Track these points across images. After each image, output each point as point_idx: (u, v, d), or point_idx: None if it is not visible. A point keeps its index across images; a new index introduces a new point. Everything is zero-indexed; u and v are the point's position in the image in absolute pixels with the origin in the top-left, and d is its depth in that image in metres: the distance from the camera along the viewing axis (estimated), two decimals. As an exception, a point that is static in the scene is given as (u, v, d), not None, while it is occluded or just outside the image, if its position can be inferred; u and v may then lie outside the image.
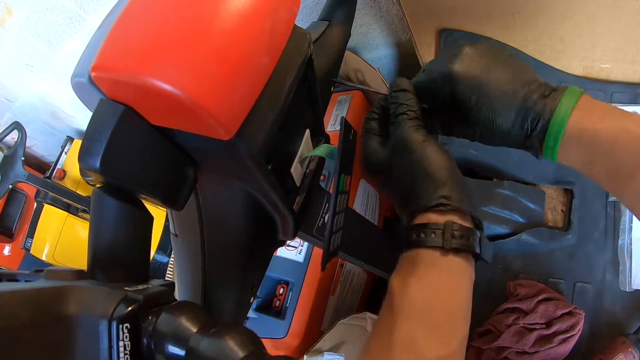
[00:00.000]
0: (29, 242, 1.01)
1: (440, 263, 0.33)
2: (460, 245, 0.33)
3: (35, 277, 0.28)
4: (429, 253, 0.33)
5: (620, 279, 0.62)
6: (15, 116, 0.96)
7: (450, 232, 0.33)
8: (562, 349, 0.58)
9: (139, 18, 0.25)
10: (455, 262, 0.33)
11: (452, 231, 0.33)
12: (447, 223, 0.33)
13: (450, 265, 0.33)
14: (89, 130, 0.25)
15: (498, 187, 0.68)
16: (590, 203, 0.65)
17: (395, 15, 0.86)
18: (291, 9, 0.30)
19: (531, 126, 0.34)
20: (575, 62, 0.66)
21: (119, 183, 0.27)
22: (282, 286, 0.78)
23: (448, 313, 0.32)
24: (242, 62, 0.25)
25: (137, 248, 0.29)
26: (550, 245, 0.65)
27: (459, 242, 0.33)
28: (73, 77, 0.27)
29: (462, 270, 0.34)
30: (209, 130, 0.25)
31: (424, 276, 0.33)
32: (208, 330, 0.25)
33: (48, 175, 1.00)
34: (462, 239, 0.33)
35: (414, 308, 0.32)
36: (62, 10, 0.72)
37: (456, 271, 0.33)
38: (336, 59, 0.44)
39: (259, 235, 0.39)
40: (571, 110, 0.33)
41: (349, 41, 0.47)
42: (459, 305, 0.33)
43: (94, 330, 0.23)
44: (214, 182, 0.34)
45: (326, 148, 0.39)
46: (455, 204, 0.33)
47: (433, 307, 0.32)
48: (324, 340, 0.70)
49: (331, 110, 0.90)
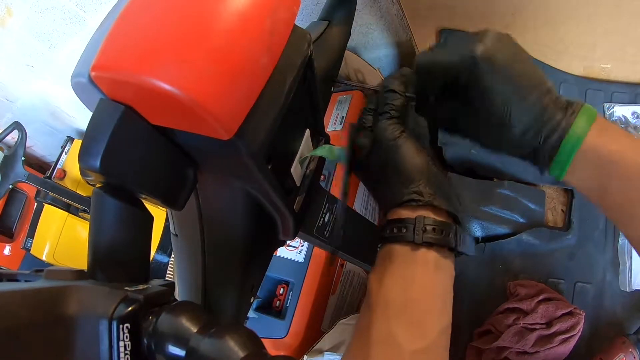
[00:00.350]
0: (29, 242, 1.01)
1: (413, 258, 0.33)
2: (432, 239, 0.33)
3: (36, 277, 0.28)
4: (401, 248, 0.34)
5: (620, 279, 0.62)
6: (16, 116, 0.96)
7: (421, 226, 0.33)
8: (562, 349, 0.58)
9: (139, 18, 0.25)
10: (429, 256, 0.33)
11: (424, 225, 0.33)
12: (418, 218, 0.33)
13: (424, 260, 0.33)
14: (89, 130, 0.25)
15: (498, 187, 0.68)
16: (590, 203, 0.65)
17: (395, 15, 0.86)
18: (291, 9, 0.30)
19: (545, 136, 0.32)
20: (575, 62, 0.66)
21: (119, 183, 0.27)
22: (282, 286, 0.78)
23: (425, 306, 0.33)
24: (242, 61, 0.25)
25: (137, 248, 0.29)
26: (550, 245, 0.65)
27: (430, 237, 0.33)
28: (73, 77, 0.27)
29: (437, 264, 0.34)
30: (209, 130, 0.25)
31: (398, 271, 0.34)
32: (208, 330, 0.25)
33: (48, 175, 1.00)
34: (434, 233, 0.33)
35: (390, 303, 0.33)
36: (62, 10, 0.72)
37: (431, 265, 0.33)
38: (336, 58, 0.44)
39: (259, 235, 0.39)
40: (589, 128, 0.31)
41: (349, 41, 0.47)
42: (436, 298, 0.34)
43: (94, 330, 0.23)
44: (214, 182, 0.34)
45: (327, 148, 0.39)
46: (426, 199, 0.34)
47: (409, 301, 0.32)
48: (324, 340, 0.70)
49: (331, 110, 0.90)
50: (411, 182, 0.34)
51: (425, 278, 0.33)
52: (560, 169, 0.33)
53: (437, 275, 0.34)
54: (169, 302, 0.27)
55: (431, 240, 0.33)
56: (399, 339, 0.31)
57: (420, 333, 0.32)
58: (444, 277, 0.34)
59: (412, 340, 0.31)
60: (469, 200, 0.69)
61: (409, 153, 0.35)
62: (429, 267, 0.33)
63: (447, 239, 0.34)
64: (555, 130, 0.32)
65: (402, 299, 0.33)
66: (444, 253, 0.34)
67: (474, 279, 0.67)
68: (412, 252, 0.33)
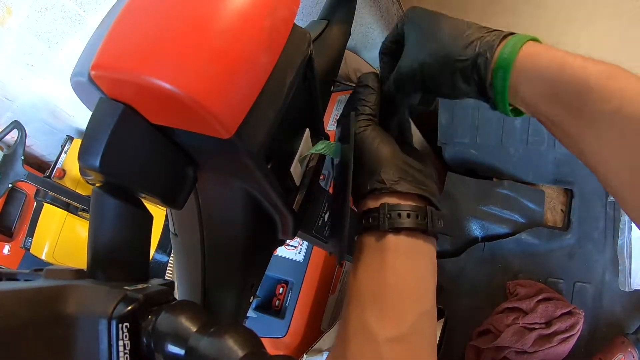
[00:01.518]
0: (29, 241, 1.01)
1: (381, 246, 0.33)
2: (400, 224, 0.32)
3: (35, 276, 0.28)
4: (369, 238, 0.34)
5: (619, 278, 0.62)
6: (15, 115, 0.96)
7: (385, 213, 0.33)
8: (561, 348, 0.58)
9: (139, 17, 0.25)
10: (399, 242, 0.33)
11: (388, 212, 0.33)
12: (382, 205, 0.33)
13: (394, 246, 0.33)
14: (88, 129, 0.25)
15: (498, 187, 0.68)
16: (590, 203, 0.65)
17: (395, 15, 0.86)
18: (290, 8, 0.30)
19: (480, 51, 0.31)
20: (575, 62, 0.66)
21: (118, 182, 0.27)
22: (282, 285, 0.78)
23: (398, 293, 0.32)
24: (241, 60, 0.25)
25: (136, 247, 0.29)
26: (549, 245, 0.65)
27: (397, 222, 0.32)
28: (73, 76, 0.27)
29: (408, 249, 0.33)
30: (209, 129, 0.25)
31: (368, 260, 0.33)
32: (207, 329, 0.25)
33: (48, 174, 1.00)
34: (400, 218, 0.32)
35: (363, 293, 0.33)
36: (62, 9, 0.72)
37: (401, 251, 0.33)
38: (336, 58, 0.44)
39: (258, 234, 0.39)
40: (521, 44, 0.30)
41: (349, 41, 0.47)
42: (410, 284, 0.33)
43: (94, 329, 0.23)
44: (213, 181, 0.34)
45: (325, 144, 0.39)
46: (388, 185, 0.33)
47: (380, 289, 0.32)
48: (324, 340, 0.70)
49: (331, 110, 0.90)
50: (374, 172, 0.34)
51: (397, 264, 0.33)
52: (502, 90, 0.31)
53: (410, 260, 0.33)
54: (168, 302, 0.27)
55: (398, 226, 0.32)
56: (372, 329, 0.31)
57: (395, 320, 0.31)
58: (418, 261, 0.34)
59: (386, 328, 0.31)
60: (469, 200, 0.69)
61: (374, 144, 0.35)
62: (400, 253, 0.33)
63: (416, 222, 0.33)
64: (487, 49, 0.31)
65: (373, 288, 0.32)
66: (416, 236, 0.33)
67: (474, 279, 0.67)
68: (380, 240, 0.33)
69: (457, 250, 0.69)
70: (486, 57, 0.31)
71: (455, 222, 0.69)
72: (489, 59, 0.31)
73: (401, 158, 0.35)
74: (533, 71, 0.30)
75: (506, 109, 0.33)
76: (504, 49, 0.31)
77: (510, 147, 0.68)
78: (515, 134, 0.67)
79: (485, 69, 0.31)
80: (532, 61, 0.30)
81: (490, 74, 0.31)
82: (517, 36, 0.31)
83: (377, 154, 0.35)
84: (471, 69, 0.32)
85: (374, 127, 0.37)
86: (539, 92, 0.30)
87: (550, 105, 0.30)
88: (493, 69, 0.31)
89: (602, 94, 0.27)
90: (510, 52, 0.30)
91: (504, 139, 0.68)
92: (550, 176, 0.68)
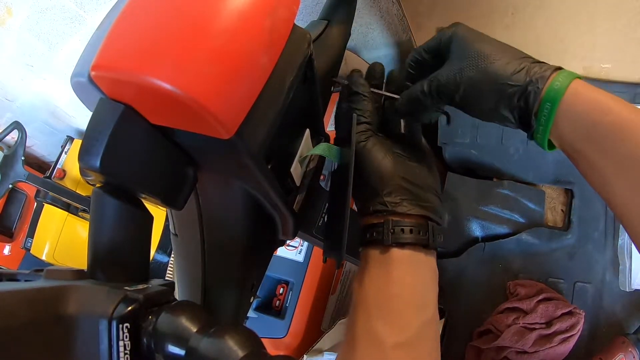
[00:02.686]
0: (29, 241, 1.01)
1: (386, 258, 0.36)
2: (403, 239, 0.35)
3: (35, 276, 0.28)
4: (374, 250, 0.36)
5: (620, 278, 0.62)
6: (15, 116, 0.96)
7: (389, 229, 0.35)
8: (562, 348, 0.58)
9: (139, 17, 0.25)
10: (403, 256, 0.35)
11: (392, 228, 0.35)
12: (385, 221, 0.36)
13: (398, 259, 0.35)
14: (88, 130, 0.25)
15: (498, 187, 0.68)
16: (590, 203, 0.65)
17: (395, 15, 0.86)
18: (290, 8, 0.30)
19: (530, 80, 0.32)
20: (575, 62, 0.66)
21: (118, 182, 0.27)
22: (282, 286, 0.78)
23: (403, 302, 0.35)
24: (241, 61, 0.25)
25: (137, 248, 0.29)
26: (550, 245, 0.65)
27: (400, 237, 0.35)
28: (73, 77, 0.27)
29: (411, 261, 0.36)
30: (209, 129, 0.25)
31: (374, 271, 0.36)
32: (208, 330, 0.25)
33: (48, 175, 1.00)
34: (403, 234, 0.35)
35: (369, 302, 0.35)
36: (62, 10, 0.72)
37: (405, 263, 0.36)
38: (336, 58, 0.44)
39: (259, 234, 0.39)
40: (569, 81, 0.31)
41: (349, 41, 0.47)
42: (414, 293, 0.35)
43: (94, 329, 0.23)
44: (214, 181, 0.34)
45: (324, 147, 0.39)
46: (390, 208, 0.36)
47: (386, 298, 0.35)
48: (324, 340, 0.70)
49: (331, 110, 0.89)
50: (377, 194, 0.36)
51: (401, 275, 0.35)
52: (545, 124, 0.32)
53: (413, 271, 0.36)
54: (168, 302, 0.27)
55: (401, 241, 0.35)
56: (379, 334, 0.33)
57: (401, 327, 0.33)
58: (421, 272, 0.36)
59: (393, 334, 0.33)
60: (469, 200, 0.69)
61: (375, 161, 0.37)
62: (403, 265, 0.35)
63: (418, 238, 0.35)
64: (538, 79, 0.31)
65: (380, 297, 0.35)
66: (418, 250, 0.36)
67: (474, 279, 0.67)
68: (385, 253, 0.36)
69: (457, 250, 0.69)
70: (537, 86, 0.31)
71: (455, 222, 0.69)
72: (540, 89, 0.31)
73: (402, 174, 0.37)
74: (576, 112, 0.31)
75: (545, 141, 0.33)
76: (554, 81, 0.31)
77: (511, 147, 0.68)
78: (516, 134, 0.67)
79: (534, 98, 0.32)
80: (577, 100, 0.31)
81: (538, 104, 0.32)
82: (566, 72, 0.32)
83: (379, 171, 0.37)
84: (519, 95, 0.32)
85: (373, 140, 0.38)
86: (578, 131, 0.31)
87: (586, 144, 0.31)
88: (541, 99, 0.32)
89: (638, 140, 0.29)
90: (560, 86, 0.31)
91: (504, 139, 0.69)
92: (550, 176, 0.68)
